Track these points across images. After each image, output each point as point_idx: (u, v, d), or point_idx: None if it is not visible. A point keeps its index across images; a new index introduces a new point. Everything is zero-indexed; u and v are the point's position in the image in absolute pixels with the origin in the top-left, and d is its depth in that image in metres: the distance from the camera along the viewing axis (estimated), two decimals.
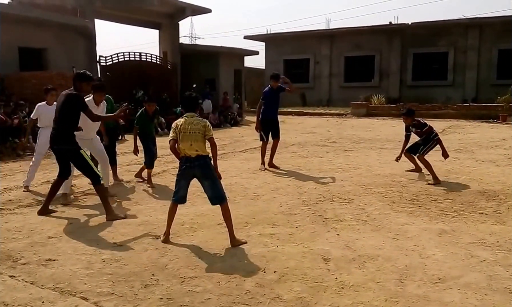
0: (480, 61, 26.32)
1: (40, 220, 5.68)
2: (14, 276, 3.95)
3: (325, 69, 30.04)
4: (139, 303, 3.45)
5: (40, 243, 4.80)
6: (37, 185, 7.73)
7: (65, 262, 4.28)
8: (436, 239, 4.87)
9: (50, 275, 3.96)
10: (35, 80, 14.38)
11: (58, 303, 3.46)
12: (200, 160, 4.75)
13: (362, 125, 18.37)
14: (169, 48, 22.65)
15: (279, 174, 8.55)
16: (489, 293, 3.59)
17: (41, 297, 3.54)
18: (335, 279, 3.85)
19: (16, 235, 5.08)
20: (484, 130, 16.10)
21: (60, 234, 5.11)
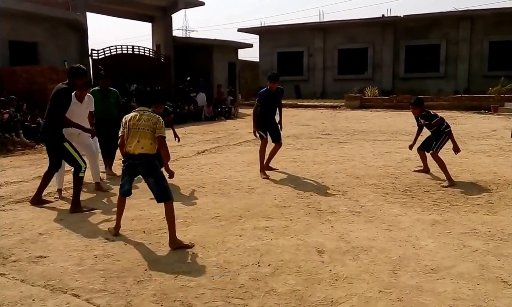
0: (471, 53, 26.36)
1: (31, 216, 5.58)
2: (4, 273, 3.87)
3: (319, 62, 29.98)
4: (132, 299, 3.40)
5: (31, 240, 4.71)
6: (29, 180, 7.62)
7: (56, 258, 4.20)
8: (429, 229, 4.86)
9: (41, 272, 3.89)
10: (26, 74, 14.23)
11: (49, 301, 3.39)
12: (142, 159, 4.52)
13: (356, 117, 18.37)
14: (162, 41, 22.46)
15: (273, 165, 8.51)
16: (481, 282, 3.59)
17: (32, 295, 3.48)
18: (329, 271, 3.83)
19: (6, 232, 4.98)
20: (476, 121, 16.14)
21: (51, 230, 5.01)
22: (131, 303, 3.34)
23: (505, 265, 3.89)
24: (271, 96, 7.86)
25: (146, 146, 4.47)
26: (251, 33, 32.29)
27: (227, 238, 4.66)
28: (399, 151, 9.95)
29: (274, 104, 8.02)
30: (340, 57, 29.68)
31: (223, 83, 23.61)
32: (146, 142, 4.47)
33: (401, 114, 19.18)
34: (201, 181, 7.36)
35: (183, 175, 7.80)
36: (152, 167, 4.56)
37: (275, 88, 7.86)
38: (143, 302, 3.35)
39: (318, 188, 6.77)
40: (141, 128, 4.49)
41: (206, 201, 6.13)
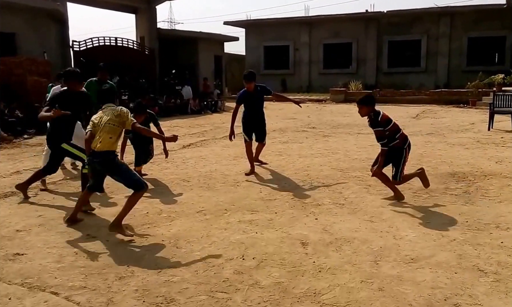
0: (451, 49, 26.61)
1: (8, 213, 5.40)
2: None
3: (305, 56, 29.99)
4: (113, 296, 3.33)
5: (7, 237, 4.56)
6: (6, 176, 7.40)
7: (34, 256, 4.08)
8: (409, 220, 4.92)
9: (17, 270, 3.77)
10: (3, 66, 13.83)
11: (27, 299, 3.30)
12: (99, 157, 4.39)
13: (341, 111, 18.43)
14: (147, 33, 22.05)
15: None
16: (458, 271, 3.63)
17: (8, 294, 3.37)
18: (312, 263, 3.85)
19: None
20: (455, 115, 16.30)
21: (29, 227, 4.85)
22: (112, 300, 3.27)
23: (481, 254, 3.95)
24: (250, 97, 7.37)
25: (104, 141, 4.35)
26: (237, 26, 32.14)
27: (212, 232, 4.63)
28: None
29: (256, 104, 7.51)
30: (326, 52, 29.73)
31: (209, 76, 23.45)
32: (105, 137, 4.35)
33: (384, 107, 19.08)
34: (186, 175, 7.32)
35: (168, 169, 7.75)
36: (111, 165, 4.44)
37: (253, 88, 7.30)
38: (124, 298, 3.29)
39: (303, 181, 6.78)
40: (105, 123, 4.38)
41: (191, 195, 6.09)
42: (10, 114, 12.36)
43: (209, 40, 24.50)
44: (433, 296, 3.24)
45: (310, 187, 6.43)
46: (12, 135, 11.44)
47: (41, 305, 3.22)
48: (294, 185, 6.54)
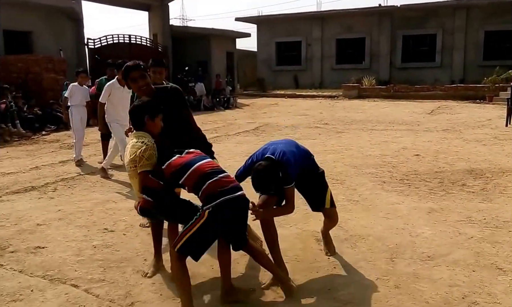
0: (467, 43, 26.24)
1: (28, 207, 5.55)
2: (2, 264, 3.86)
3: (317, 52, 29.82)
4: (131, 289, 3.40)
5: (29, 231, 4.68)
6: (25, 171, 7.57)
7: (54, 249, 4.18)
8: (425, 217, 4.88)
9: (39, 263, 3.87)
10: (21, 63, 14.08)
11: (48, 291, 3.38)
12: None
13: (354, 107, 18.34)
14: (159, 31, 22.19)
15: None
16: (476, 269, 3.61)
17: (30, 285, 3.47)
18: (327, 259, 3.85)
19: (4, 222, 4.96)
20: (471, 111, 16.12)
21: (49, 221, 4.98)
22: (130, 293, 3.35)
23: (499, 252, 3.91)
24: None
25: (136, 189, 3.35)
26: (249, 22, 32.05)
27: None
28: (396, 140, 9.95)
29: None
30: (338, 47, 29.53)
31: (221, 73, 23.49)
32: (135, 184, 3.35)
33: (398, 103, 19.17)
34: None
35: None
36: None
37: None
38: (142, 292, 3.35)
39: None
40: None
41: None
42: (28, 111, 12.58)
43: (221, 37, 24.52)
44: (451, 294, 3.22)
45: None
46: (31, 132, 11.64)
47: (62, 297, 3.30)
48: None
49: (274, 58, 30.75)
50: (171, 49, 22.33)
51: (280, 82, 29.03)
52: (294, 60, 30.49)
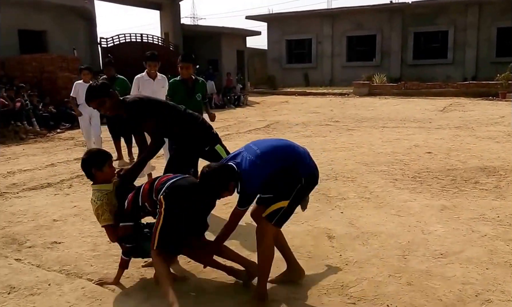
0: (479, 39, 25.98)
1: (45, 203, 5.65)
2: (20, 259, 3.93)
3: (328, 49, 29.72)
4: (146, 283, 3.45)
5: (46, 226, 4.77)
6: (41, 168, 7.69)
7: (70, 244, 4.26)
8: (438, 215, 4.85)
9: (56, 258, 3.95)
10: (36, 62, 14.27)
11: (65, 285, 3.44)
12: None
13: (364, 104, 18.26)
14: (171, 29, 22.29)
15: None
16: (490, 267, 3.59)
17: (48, 280, 3.53)
18: (339, 256, 3.85)
19: (21, 218, 5.05)
20: (484, 108, 15.97)
21: (65, 217, 5.07)
22: (145, 287, 3.39)
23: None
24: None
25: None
26: (259, 20, 32.04)
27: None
28: (408, 138, 9.90)
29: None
30: (349, 44, 29.41)
31: (231, 71, 23.52)
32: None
33: (409, 101, 19.05)
34: None
35: None
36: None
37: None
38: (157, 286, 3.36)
39: (328, 174, 6.75)
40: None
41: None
42: (43, 109, 12.75)
43: (232, 35, 24.55)
44: (464, 292, 3.21)
45: (334, 180, 6.40)
46: (46, 130, 11.78)
47: (78, 291, 3.35)
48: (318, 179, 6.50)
49: (284, 56, 30.71)
50: (182, 48, 22.40)
51: (290, 79, 28.98)
52: (304, 57, 30.44)
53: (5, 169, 7.66)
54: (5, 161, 8.47)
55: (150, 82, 6.51)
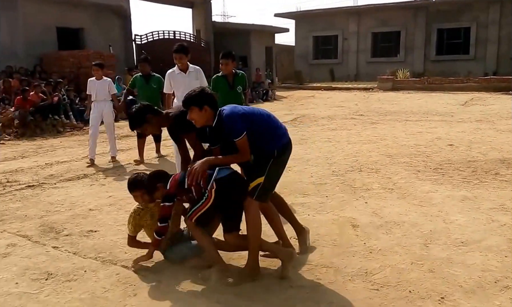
0: (500, 36, 25.23)
1: (81, 193, 5.68)
2: (57, 247, 3.95)
3: (353, 45, 29.33)
4: (177, 270, 3.42)
5: (82, 215, 4.78)
6: (78, 160, 7.77)
7: (106, 233, 4.27)
8: (459, 205, 4.78)
9: (91, 246, 3.96)
10: (73, 58, 14.50)
11: (100, 272, 3.45)
12: None
13: (388, 99, 17.97)
14: (202, 27, 22.37)
15: (309, 147, 8.48)
16: (509, 255, 3.54)
17: (84, 266, 3.55)
18: (363, 244, 3.85)
19: (58, 208, 5.08)
20: (504, 102, 15.49)
21: (100, 207, 5.08)
22: (175, 274, 3.37)
23: None
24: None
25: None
26: (287, 18, 31.82)
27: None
28: (430, 131, 9.73)
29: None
30: (373, 40, 28.97)
31: (260, 66, 23.49)
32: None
33: (432, 95, 18.65)
34: None
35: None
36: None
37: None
38: (190, 271, 3.39)
39: (352, 166, 6.72)
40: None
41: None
42: (80, 104, 12.96)
43: (261, 32, 24.48)
44: (484, 279, 3.17)
45: (359, 172, 6.37)
46: (82, 123, 11.93)
47: (113, 277, 3.38)
48: (343, 170, 6.50)
49: (311, 52, 30.47)
50: (213, 44, 22.47)
51: (316, 75, 28.74)
52: (330, 53, 30.13)
53: (43, 161, 7.75)
54: (43, 153, 8.58)
55: (182, 76, 6.00)
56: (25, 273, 3.46)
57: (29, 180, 6.39)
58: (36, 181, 6.33)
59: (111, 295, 3.12)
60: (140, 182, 3.51)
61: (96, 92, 7.44)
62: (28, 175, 6.75)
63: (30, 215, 4.87)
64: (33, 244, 4.05)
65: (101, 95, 7.45)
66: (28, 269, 3.54)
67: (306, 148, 8.25)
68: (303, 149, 8.21)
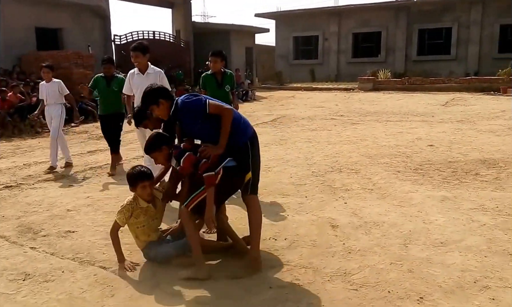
0: (482, 36, 25.73)
1: (59, 194, 5.70)
2: (35, 247, 3.97)
3: (334, 45, 29.55)
4: (157, 270, 3.47)
5: (60, 216, 4.80)
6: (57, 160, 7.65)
7: (84, 233, 4.29)
8: (439, 205, 4.84)
9: (69, 246, 3.98)
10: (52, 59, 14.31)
11: (78, 272, 3.47)
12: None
13: (369, 99, 18.15)
14: (182, 27, 22.38)
15: (289, 147, 8.49)
16: (488, 255, 3.58)
17: (61, 267, 3.56)
18: (342, 245, 3.85)
19: (36, 208, 5.09)
20: (485, 102, 15.81)
21: (78, 207, 5.10)
22: (155, 274, 3.41)
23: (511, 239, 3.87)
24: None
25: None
26: (267, 18, 31.90)
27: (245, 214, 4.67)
28: (411, 131, 9.84)
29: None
30: (354, 41, 29.25)
31: (240, 67, 23.49)
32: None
33: (412, 95, 18.91)
34: None
35: None
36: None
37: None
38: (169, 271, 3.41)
39: (332, 166, 6.75)
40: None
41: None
42: None
43: (241, 32, 24.50)
44: (463, 279, 3.21)
45: (339, 172, 6.40)
46: None
47: (91, 277, 3.39)
48: (323, 170, 6.52)
49: (291, 52, 30.60)
50: (193, 45, 22.42)
51: (297, 75, 28.87)
52: (311, 54, 30.30)
53: (22, 161, 7.72)
54: (21, 154, 8.54)
55: (140, 77, 5.57)
56: (3, 274, 3.46)
57: (7, 181, 6.36)
58: (14, 182, 6.30)
59: (88, 296, 3.14)
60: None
61: (46, 95, 7.07)
62: (6, 175, 6.71)
63: (7, 215, 4.85)
64: (10, 245, 4.04)
65: (51, 98, 7.07)
66: (5, 269, 3.53)
67: (286, 149, 8.26)
68: (283, 149, 8.21)
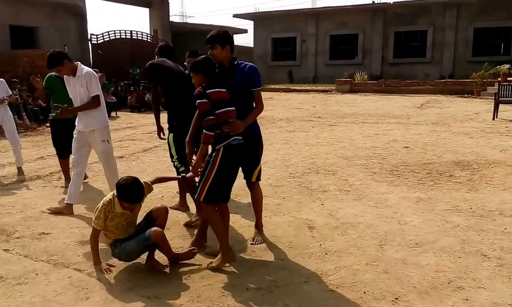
0: (457, 39, 26.28)
1: (34, 195, 5.61)
2: (8, 249, 3.90)
3: (311, 47, 29.77)
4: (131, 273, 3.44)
5: (34, 218, 4.73)
6: (31, 161, 7.61)
7: (58, 235, 4.23)
8: (414, 206, 4.92)
9: (43, 248, 3.92)
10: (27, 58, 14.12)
11: (52, 275, 3.43)
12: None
13: (346, 101, 18.33)
14: (160, 26, 22.29)
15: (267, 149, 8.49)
16: (462, 255, 3.65)
17: (35, 269, 3.51)
18: (319, 246, 3.88)
19: (10, 210, 5.01)
20: (460, 105, 16.15)
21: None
22: (130, 277, 3.38)
23: (485, 240, 3.96)
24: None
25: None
26: (246, 19, 31.91)
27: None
28: (387, 133, 9.99)
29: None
30: (332, 43, 29.50)
31: None
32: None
33: (389, 98, 19.18)
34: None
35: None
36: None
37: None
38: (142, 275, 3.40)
39: (310, 168, 6.79)
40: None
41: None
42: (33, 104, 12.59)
43: None
44: (437, 279, 3.26)
45: (316, 174, 6.44)
46: (36, 123, 11.64)
47: (65, 280, 3.34)
48: (300, 172, 6.56)
49: (270, 53, 30.70)
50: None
51: (275, 77, 28.96)
52: (289, 55, 30.43)
53: None
54: None
55: (69, 81, 4.88)
56: None
57: None
58: None
59: (63, 299, 3.10)
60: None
61: None
62: None
63: None
64: None
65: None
66: None
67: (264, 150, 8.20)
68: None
